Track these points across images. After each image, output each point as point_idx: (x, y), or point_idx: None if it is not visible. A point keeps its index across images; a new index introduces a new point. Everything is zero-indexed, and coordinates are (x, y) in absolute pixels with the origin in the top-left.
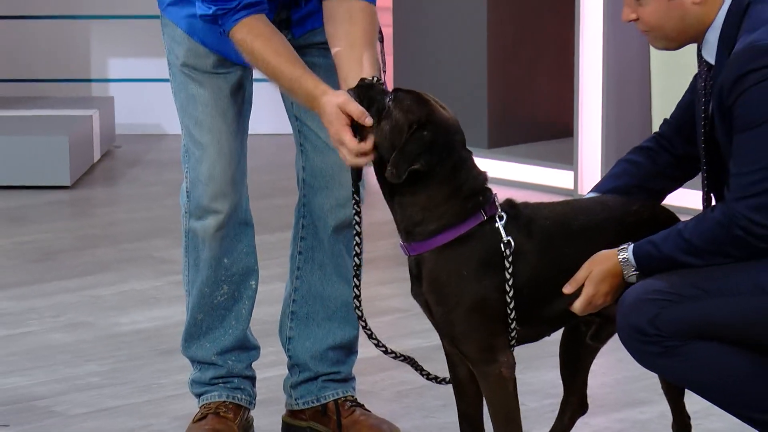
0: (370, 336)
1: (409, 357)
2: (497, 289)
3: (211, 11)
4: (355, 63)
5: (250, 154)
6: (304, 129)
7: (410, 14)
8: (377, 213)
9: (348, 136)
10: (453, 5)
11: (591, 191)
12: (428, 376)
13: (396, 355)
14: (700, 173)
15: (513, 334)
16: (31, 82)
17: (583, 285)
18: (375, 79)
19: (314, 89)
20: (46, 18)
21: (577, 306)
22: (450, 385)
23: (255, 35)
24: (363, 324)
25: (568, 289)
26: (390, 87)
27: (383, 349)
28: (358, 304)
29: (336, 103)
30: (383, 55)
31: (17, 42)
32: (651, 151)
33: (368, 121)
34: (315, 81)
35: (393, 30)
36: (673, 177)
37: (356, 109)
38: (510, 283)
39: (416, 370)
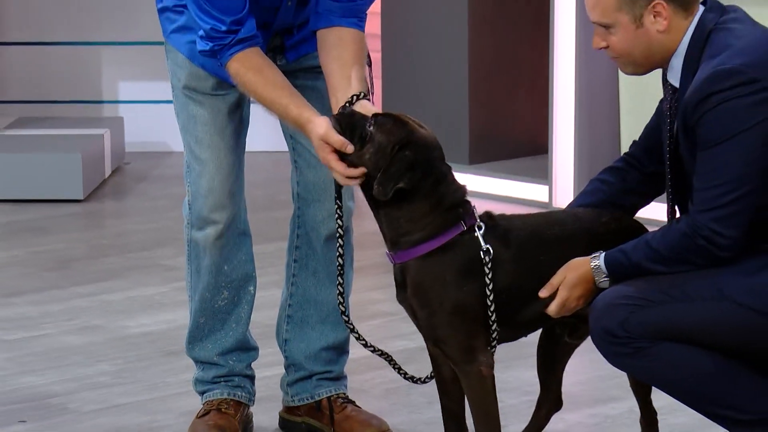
0: (352, 330)
1: (387, 354)
2: (476, 294)
3: (208, 47)
4: (344, 81)
5: (250, 170)
6: (297, 147)
7: (397, 41)
8: (366, 224)
9: (334, 163)
10: (437, 33)
11: (573, 202)
12: (405, 376)
13: (374, 350)
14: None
15: (494, 336)
16: (47, 103)
17: (557, 289)
18: (362, 94)
19: (299, 117)
20: (60, 44)
21: (552, 308)
22: (433, 384)
23: (247, 67)
24: (346, 319)
25: (543, 293)
26: (378, 107)
27: (363, 342)
28: (341, 300)
29: (320, 135)
30: (371, 78)
31: (35, 66)
32: (621, 171)
33: (350, 149)
34: (300, 109)
35: (381, 55)
36: (642, 193)
37: (337, 140)
38: (490, 288)
39: (394, 368)
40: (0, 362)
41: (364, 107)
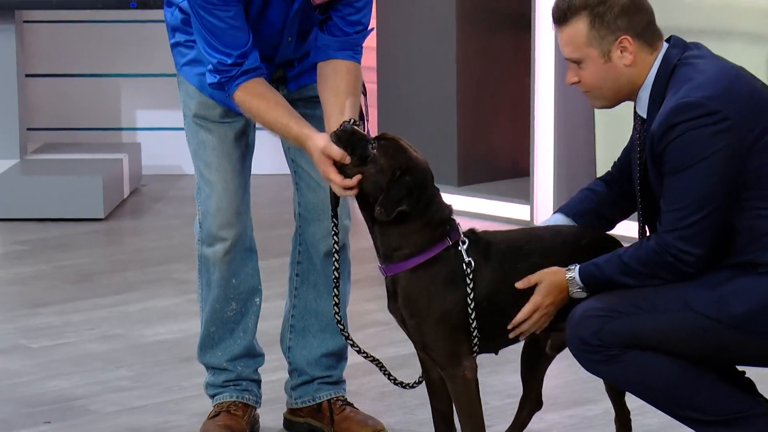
0: (347, 338)
1: (378, 361)
2: (460, 303)
3: (216, 80)
4: (337, 109)
5: (256, 191)
6: (299, 170)
7: (392, 73)
8: (362, 241)
9: (333, 175)
10: (428, 66)
11: (558, 211)
12: (395, 381)
13: (366, 356)
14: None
15: (475, 341)
16: (71, 130)
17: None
18: (352, 121)
19: (300, 134)
20: (83, 76)
21: (525, 309)
22: (424, 386)
23: (252, 95)
24: (341, 327)
25: (520, 284)
26: (374, 132)
27: (357, 349)
28: (337, 310)
29: (320, 148)
30: (367, 107)
31: (59, 96)
32: (607, 184)
33: (347, 160)
34: (301, 127)
35: (377, 86)
36: (622, 207)
37: (337, 152)
38: (471, 297)
39: (384, 374)
40: (27, 367)
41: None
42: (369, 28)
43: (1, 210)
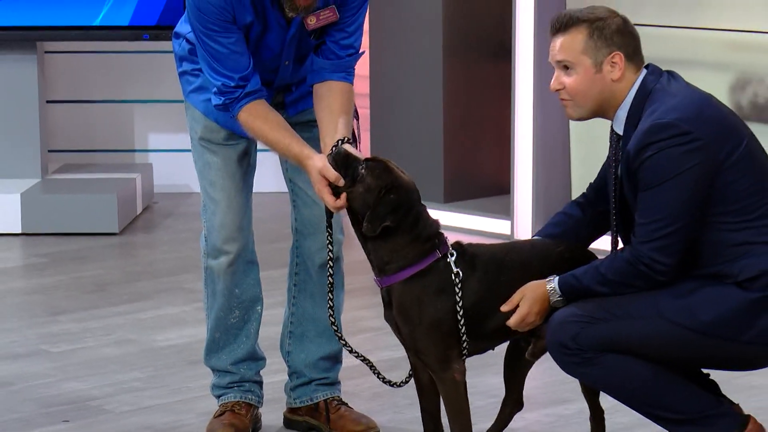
0: (340, 338)
1: (368, 360)
2: (450, 311)
3: (221, 101)
4: (331, 127)
5: (257, 208)
6: (295, 188)
7: (383, 98)
8: (356, 253)
9: (326, 195)
10: (417, 92)
11: (535, 235)
12: (384, 380)
13: (358, 355)
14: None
15: (464, 346)
16: (88, 152)
17: (518, 305)
18: (346, 139)
19: (300, 154)
20: (99, 102)
21: (512, 321)
22: (413, 387)
23: (255, 116)
24: (335, 329)
25: (505, 307)
26: (367, 154)
27: (349, 348)
28: (331, 312)
29: (317, 168)
30: (359, 130)
31: (78, 120)
32: (581, 206)
33: (341, 182)
34: (301, 147)
35: (370, 111)
36: (597, 226)
37: (332, 175)
38: (460, 305)
39: (373, 372)
40: (46, 370)
41: (348, 149)
42: (360, 51)
43: (24, 225)
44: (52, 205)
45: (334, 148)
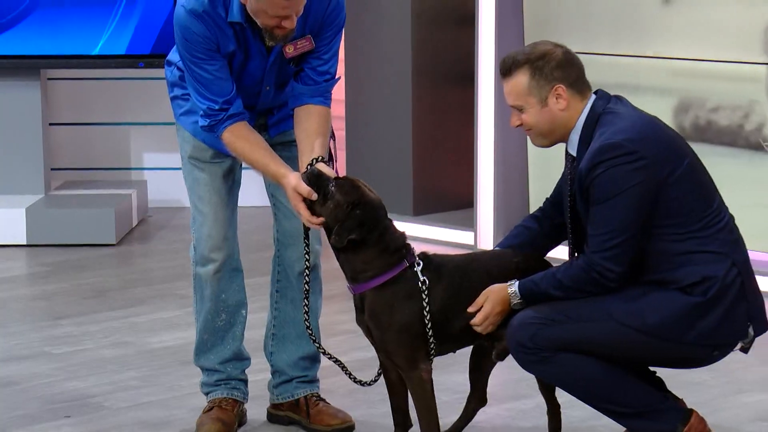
0: (314, 340)
1: (340, 361)
2: (417, 316)
3: (207, 123)
4: (308, 148)
5: (243, 220)
6: (277, 202)
7: (357, 121)
8: (333, 262)
9: (302, 210)
10: (387, 114)
11: (497, 246)
12: (355, 380)
13: (330, 356)
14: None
15: (432, 348)
16: (88, 170)
17: (482, 306)
18: (320, 158)
19: (277, 173)
20: (98, 125)
21: (476, 320)
22: (384, 385)
23: (237, 137)
24: (309, 332)
25: (471, 308)
26: (343, 171)
27: (322, 350)
28: (307, 317)
29: (292, 186)
30: (335, 150)
31: (78, 141)
32: (538, 219)
33: (314, 197)
34: (278, 166)
35: (345, 132)
36: (553, 237)
37: (305, 190)
38: (427, 310)
39: (344, 372)
40: (49, 371)
41: (321, 168)
42: (336, 77)
43: (28, 237)
44: (54, 219)
45: (309, 167)
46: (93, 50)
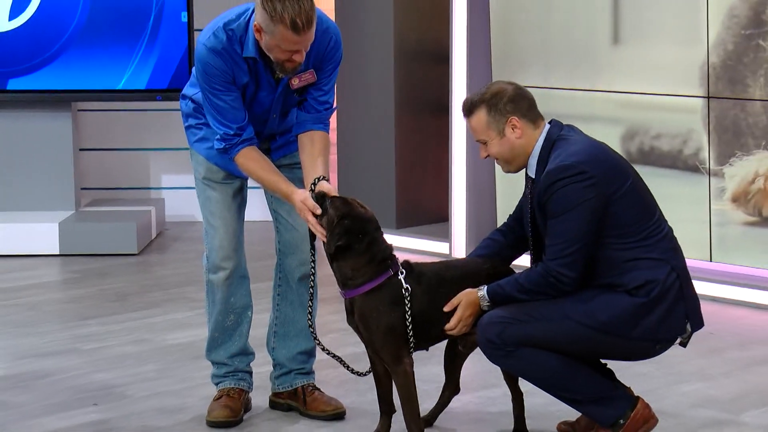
0: (315, 337)
1: (339, 357)
2: (400, 318)
3: (222, 146)
4: (312, 167)
5: (249, 233)
6: (278, 217)
7: (347, 147)
8: (327, 269)
9: (310, 217)
10: (373, 140)
11: (469, 255)
12: (353, 371)
13: (328, 352)
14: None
15: (412, 345)
16: (113, 189)
17: (456, 309)
18: (323, 177)
19: (286, 190)
20: (122, 150)
21: (451, 323)
22: (370, 376)
23: (249, 159)
24: (311, 330)
25: (447, 308)
26: (334, 185)
27: (323, 348)
28: (309, 317)
29: (300, 200)
30: (328, 172)
31: (105, 164)
32: (504, 232)
33: (318, 210)
34: (287, 184)
35: (337, 156)
36: (517, 248)
37: (311, 204)
38: (409, 314)
39: (343, 365)
40: (78, 365)
41: (323, 185)
42: (335, 106)
43: (60, 247)
44: (83, 232)
45: (314, 184)
46: (117, 85)
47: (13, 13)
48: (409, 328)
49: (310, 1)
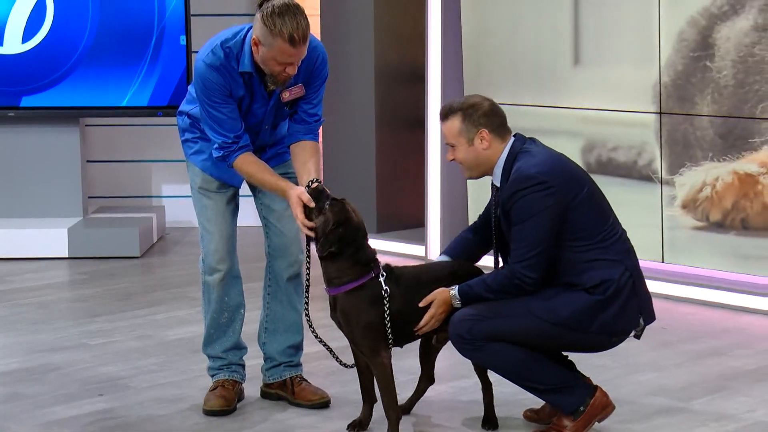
0: (313, 331)
1: (330, 349)
2: (379, 316)
3: (221, 153)
4: (305, 171)
5: (242, 237)
6: (268, 223)
7: (332, 157)
8: (319, 270)
9: (299, 213)
10: (355, 151)
11: (443, 253)
12: (342, 363)
13: (324, 344)
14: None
15: (390, 341)
16: (118, 197)
17: (429, 305)
18: (316, 179)
19: (285, 187)
20: (126, 161)
21: (424, 320)
22: (353, 368)
23: (246, 163)
24: (308, 318)
25: (422, 303)
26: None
27: (319, 339)
28: (306, 310)
29: (296, 194)
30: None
31: (110, 175)
32: (475, 231)
33: (311, 204)
34: (284, 182)
35: (323, 167)
36: (485, 246)
37: (306, 198)
38: (387, 312)
39: (333, 357)
40: (87, 358)
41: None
42: (322, 119)
43: (69, 251)
44: (90, 236)
45: (311, 182)
46: (121, 102)
47: (26, 37)
48: (388, 326)
49: (305, 20)
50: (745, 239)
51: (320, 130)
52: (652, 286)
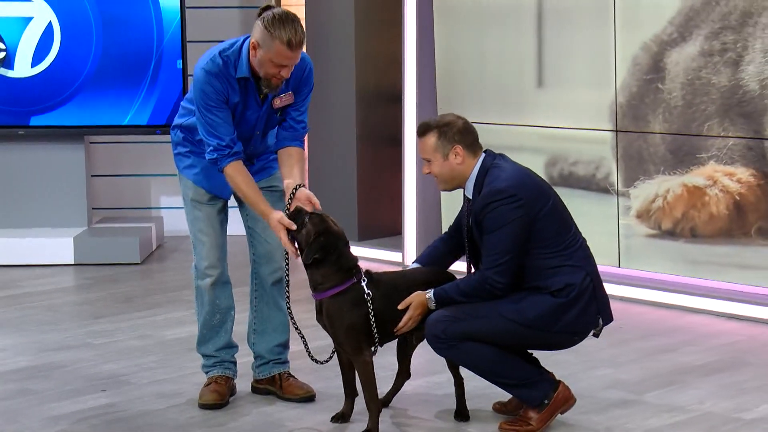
0: (296, 328)
1: (306, 344)
2: (362, 317)
3: (213, 157)
4: (290, 176)
5: (233, 245)
6: (253, 233)
7: (317, 170)
8: (300, 275)
9: (283, 236)
10: (339, 165)
11: (414, 261)
12: (315, 360)
13: (302, 337)
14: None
15: (376, 341)
16: (119, 209)
17: (407, 308)
18: (301, 185)
19: (265, 210)
20: (127, 176)
21: (402, 322)
22: (336, 365)
23: (237, 172)
24: (293, 323)
25: (401, 306)
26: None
27: (299, 332)
28: (289, 311)
29: (277, 219)
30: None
31: (113, 188)
32: (445, 241)
33: (293, 226)
34: (265, 205)
35: (308, 180)
36: (456, 254)
37: (287, 222)
38: (372, 315)
39: (307, 354)
40: (91, 356)
41: (303, 192)
42: (308, 127)
43: (75, 258)
44: (94, 245)
45: (292, 193)
46: (123, 121)
47: (35, 62)
48: (374, 327)
49: (302, 29)
50: (694, 246)
51: (306, 146)
52: (610, 289)
